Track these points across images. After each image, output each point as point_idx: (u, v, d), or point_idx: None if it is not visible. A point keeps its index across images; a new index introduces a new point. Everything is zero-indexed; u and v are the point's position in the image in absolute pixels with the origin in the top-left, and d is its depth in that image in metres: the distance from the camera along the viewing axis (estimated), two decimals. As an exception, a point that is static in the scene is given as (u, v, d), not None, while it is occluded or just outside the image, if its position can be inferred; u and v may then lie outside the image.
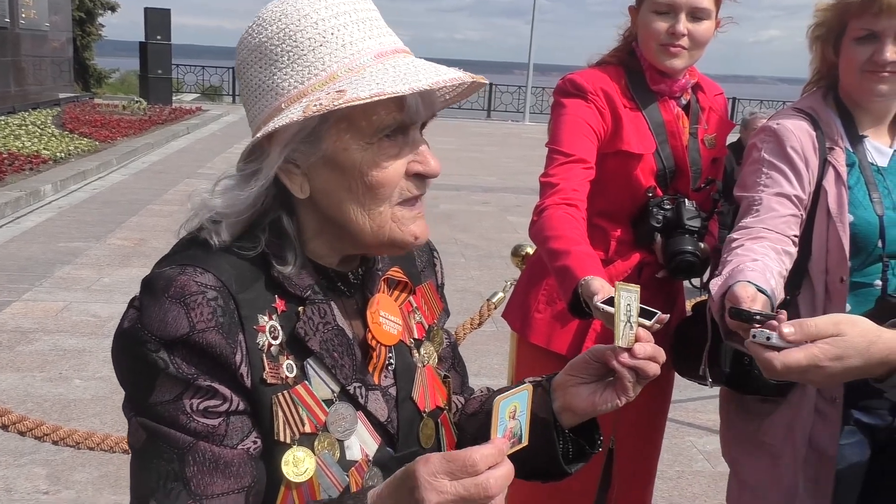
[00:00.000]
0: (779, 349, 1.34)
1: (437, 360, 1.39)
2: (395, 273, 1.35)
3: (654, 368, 1.25)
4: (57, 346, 5.58)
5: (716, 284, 1.84)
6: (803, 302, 2.11)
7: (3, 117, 16.22)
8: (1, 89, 17.31)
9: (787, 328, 1.32)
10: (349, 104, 1.06)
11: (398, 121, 1.14)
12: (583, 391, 1.29)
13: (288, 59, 1.14)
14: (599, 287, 1.81)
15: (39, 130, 15.08)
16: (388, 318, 1.28)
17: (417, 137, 1.19)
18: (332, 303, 1.22)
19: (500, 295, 3.64)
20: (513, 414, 1.08)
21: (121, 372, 1.14)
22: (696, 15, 2.33)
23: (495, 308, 3.66)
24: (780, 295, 1.85)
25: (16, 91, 18.21)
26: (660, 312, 1.32)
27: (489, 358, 5.60)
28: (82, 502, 3.74)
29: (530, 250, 3.13)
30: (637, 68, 2.44)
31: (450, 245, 9.17)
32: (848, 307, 2.07)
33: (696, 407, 5.11)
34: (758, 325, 1.40)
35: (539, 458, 1.31)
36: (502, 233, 9.92)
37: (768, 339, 1.35)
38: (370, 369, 1.24)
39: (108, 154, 13.88)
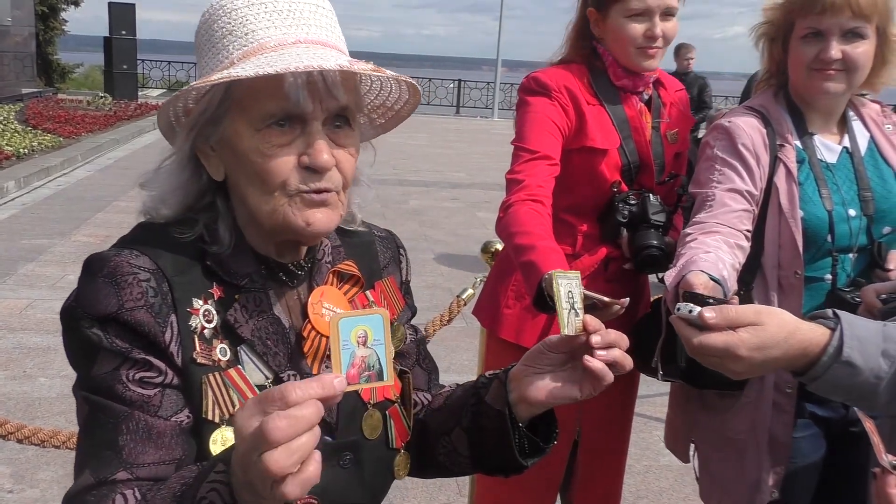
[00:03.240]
0: (701, 329, 1.33)
1: (392, 355, 1.39)
2: (347, 266, 1.35)
3: (629, 362, 1.22)
4: (21, 343, 5.51)
5: (670, 276, 1.88)
6: (757, 296, 2.15)
7: (-36, 113, 15.95)
8: (-38, 84, 17.01)
9: (708, 312, 1.31)
10: (201, 84, 1.11)
11: (284, 109, 1.14)
12: (538, 382, 1.25)
13: (206, 48, 1.20)
14: None
15: (2, 126, 14.82)
16: (332, 309, 1.29)
17: (316, 130, 1.16)
18: (271, 292, 1.25)
19: (470, 291, 3.65)
20: (363, 340, 0.96)
21: (67, 350, 1.18)
22: (668, 13, 2.36)
23: (465, 304, 3.67)
24: (732, 286, 1.89)
25: (-23, 86, 17.90)
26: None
27: (459, 354, 5.62)
28: (47, 501, 3.71)
29: (499, 247, 3.14)
30: (600, 66, 2.46)
31: (419, 241, 9.17)
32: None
33: (663, 402, 5.12)
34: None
35: (496, 452, 1.32)
36: (471, 229, 9.94)
37: (690, 311, 1.33)
38: (308, 359, 1.26)
39: (72, 150, 13.69)
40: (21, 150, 12.59)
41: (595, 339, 1.19)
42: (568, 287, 1.21)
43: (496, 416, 1.29)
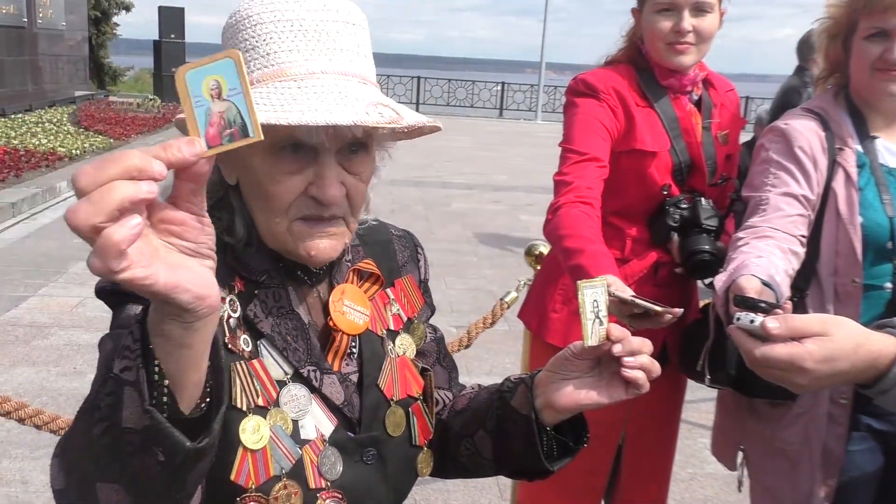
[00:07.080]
0: (762, 339, 1.27)
1: (414, 353, 1.40)
2: (367, 265, 1.36)
3: (657, 368, 1.21)
4: (72, 340, 5.63)
5: (720, 280, 1.83)
6: (812, 304, 2.09)
7: (20, 115, 16.36)
8: (18, 87, 17.42)
9: (772, 322, 1.25)
10: None
11: (294, 138, 1.13)
12: (564, 388, 1.25)
13: None
14: (612, 282, 1.82)
15: (55, 128, 15.18)
16: (353, 307, 1.29)
17: (328, 162, 1.15)
18: (290, 289, 1.25)
19: (514, 294, 3.64)
20: (217, 93, 0.80)
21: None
22: (700, 9, 2.32)
23: (508, 307, 3.66)
24: (785, 292, 1.83)
25: (33, 89, 18.33)
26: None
27: (501, 357, 5.61)
28: (97, 496, 3.77)
29: (543, 249, 3.13)
30: (646, 66, 2.44)
31: (462, 244, 9.17)
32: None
33: (708, 408, 5.07)
34: (761, 315, 1.32)
35: (521, 456, 1.31)
36: (514, 231, 9.91)
37: (752, 322, 1.27)
38: (329, 356, 1.26)
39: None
40: (73, 151, 12.89)
41: (616, 349, 1.19)
42: (593, 296, 1.20)
43: (522, 421, 1.29)
